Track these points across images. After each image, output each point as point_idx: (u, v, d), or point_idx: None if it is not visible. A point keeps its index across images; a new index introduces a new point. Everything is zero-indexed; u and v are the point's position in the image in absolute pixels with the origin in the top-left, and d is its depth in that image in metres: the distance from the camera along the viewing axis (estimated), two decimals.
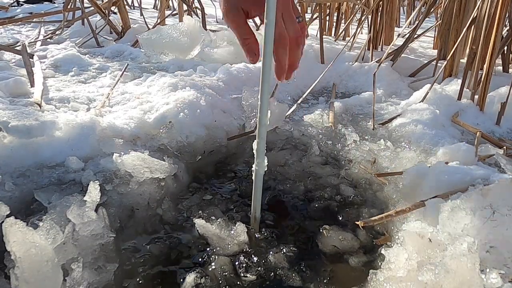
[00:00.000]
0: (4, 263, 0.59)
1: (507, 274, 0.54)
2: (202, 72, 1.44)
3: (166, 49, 1.82)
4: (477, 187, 0.69)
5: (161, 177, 0.83)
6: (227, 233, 0.71)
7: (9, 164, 0.77)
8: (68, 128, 0.87)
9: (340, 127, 1.12)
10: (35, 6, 3.58)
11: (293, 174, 0.98)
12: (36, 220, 0.63)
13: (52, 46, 1.99)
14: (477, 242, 0.53)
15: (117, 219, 0.74)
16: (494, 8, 1.14)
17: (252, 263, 0.68)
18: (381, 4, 1.80)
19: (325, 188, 0.92)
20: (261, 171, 0.70)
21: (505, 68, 1.55)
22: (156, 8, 3.65)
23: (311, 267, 0.70)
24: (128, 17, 2.48)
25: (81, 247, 0.63)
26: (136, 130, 0.95)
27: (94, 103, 1.21)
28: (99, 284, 0.63)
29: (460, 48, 1.45)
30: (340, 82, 1.60)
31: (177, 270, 0.68)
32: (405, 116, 1.10)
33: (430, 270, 0.53)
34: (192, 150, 0.98)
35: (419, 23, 1.67)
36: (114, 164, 0.80)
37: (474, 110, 1.19)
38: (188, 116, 1.01)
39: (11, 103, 1.09)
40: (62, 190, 0.74)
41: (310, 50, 1.81)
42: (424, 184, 0.76)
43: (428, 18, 2.61)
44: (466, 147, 0.89)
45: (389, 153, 0.96)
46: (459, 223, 0.63)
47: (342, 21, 2.39)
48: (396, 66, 1.67)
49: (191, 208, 0.83)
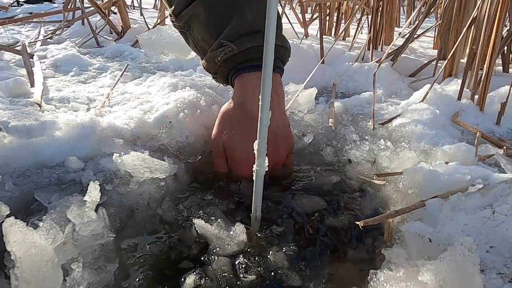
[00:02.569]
0: (4, 263, 0.59)
1: (507, 274, 0.54)
2: (202, 72, 1.44)
3: (166, 49, 1.82)
4: (477, 187, 0.69)
5: (161, 177, 0.83)
6: (226, 233, 0.71)
7: (9, 164, 0.77)
8: (68, 128, 0.87)
9: (340, 127, 1.12)
10: (35, 6, 3.58)
11: (293, 174, 0.98)
12: (36, 220, 0.63)
13: (52, 46, 1.99)
14: (477, 242, 0.53)
15: (117, 219, 0.74)
16: (494, 8, 1.14)
17: (252, 263, 0.68)
18: (381, 4, 1.80)
19: (325, 188, 0.92)
20: (262, 171, 0.70)
21: (505, 68, 1.55)
22: (156, 8, 3.65)
23: (311, 267, 0.69)
24: (128, 17, 2.48)
25: (81, 247, 0.63)
26: (136, 130, 0.95)
27: (94, 103, 1.21)
28: (99, 284, 0.63)
29: (460, 48, 1.45)
30: (340, 82, 1.60)
31: (177, 270, 0.68)
32: (405, 116, 1.10)
33: (430, 270, 0.52)
34: (192, 150, 0.98)
35: (419, 23, 1.67)
36: (114, 164, 0.80)
37: (474, 110, 1.19)
38: (188, 116, 1.01)
39: (11, 103, 1.09)
40: (62, 190, 0.74)
41: (310, 50, 1.81)
42: (424, 184, 0.76)
43: (428, 18, 2.61)
44: (466, 147, 0.89)
45: (389, 153, 0.96)
46: (459, 223, 0.63)
47: (342, 21, 2.39)
48: (396, 66, 1.67)
49: (191, 208, 0.83)
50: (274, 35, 0.57)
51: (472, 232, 0.61)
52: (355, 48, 1.95)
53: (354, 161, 0.99)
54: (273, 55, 0.59)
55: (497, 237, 0.60)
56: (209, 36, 0.88)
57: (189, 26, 0.91)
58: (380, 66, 1.42)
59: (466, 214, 0.64)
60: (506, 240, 0.59)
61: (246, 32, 0.83)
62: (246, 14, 0.84)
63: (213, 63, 0.87)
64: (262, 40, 0.83)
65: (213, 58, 0.87)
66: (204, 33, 0.89)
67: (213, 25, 0.87)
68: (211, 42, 0.87)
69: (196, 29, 0.90)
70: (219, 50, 0.84)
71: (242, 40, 0.82)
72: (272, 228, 0.78)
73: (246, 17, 0.84)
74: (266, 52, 0.59)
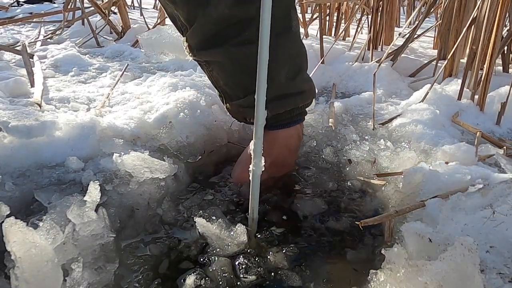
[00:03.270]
0: (4, 263, 0.59)
1: (507, 274, 0.54)
2: (202, 72, 1.44)
3: (166, 49, 1.82)
4: (477, 187, 0.69)
5: (161, 177, 0.83)
6: (227, 234, 0.71)
7: (9, 164, 0.77)
8: (68, 128, 0.87)
9: (340, 127, 1.12)
10: (35, 6, 3.58)
11: (292, 174, 0.98)
12: (36, 220, 0.63)
13: (52, 46, 1.99)
14: (477, 242, 0.53)
15: (117, 219, 0.74)
16: (494, 8, 1.14)
17: (252, 264, 0.68)
18: (381, 4, 1.80)
19: (324, 188, 0.92)
20: (258, 171, 0.70)
21: (505, 68, 1.55)
22: (156, 8, 3.65)
23: (311, 267, 0.70)
24: (128, 17, 2.48)
25: (81, 247, 0.63)
26: (136, 130, 0.95)
27: (94, 103, 1.21)
28: (99, 284, 0.63)
29: (460, 48, 1.45)
30: (340, 82, 1.60)
31: (177, 270, 0.68)
32: (405, 116, 1.10)
33: (430, 270, 0.52)
34: (192, 150, 0.98)
35: (419, 23, 1.67)
36: (114, 164, 0.80)
37: (474, 110, 1.19)
38: (188, 116, 1.01)
39: (11, 103, 1.09)
40: (62, 190, 0.74)
41: (310, 50, 1.81)
42: (424, 184, 0.76)
43: (428, 18, 2.61)
44: (466, 147, 0.89)
45: (389, 153, 0.96)
46: (459, 223, 0.63)
47: (342, 21, 2.39)
48: (396, 66, 1.67)
49: (191, 208, 0.83)
50: (269, 29, 0.57)
51: (472, 232, 0.61)
52: (355, 48, 1.95)
53: (354, 161, 0.99)
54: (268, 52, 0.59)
55: (497, 237, 0.60)
56: (235, 87, 0.85)
57: (208, 64, 0.85)
58: (380, 66, 1.42)
59: (466, 214, 0.64)
60: (506, 240, 0.59)
61: (278, 96, 0.81)
62: (279, 76, 0.81)
63: (242, 117, 0.90)
64: (293, 104, 0.85)
65: (242, 114, 0.88)
66: (229, 82, 0.85)
67: (241, 80, 0.82)
68: (238, 94, 0.85)
69: (218, 72, 0.84)
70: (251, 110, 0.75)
71: (274, 104, 0.80)
72: (272, 229, 0.78)
73: (280, 79, 0.81)
74: (261, 46, 0.59)
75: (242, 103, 0.84)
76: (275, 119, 0.84)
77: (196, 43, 0.81)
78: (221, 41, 0.78)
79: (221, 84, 0.86)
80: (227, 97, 0.88)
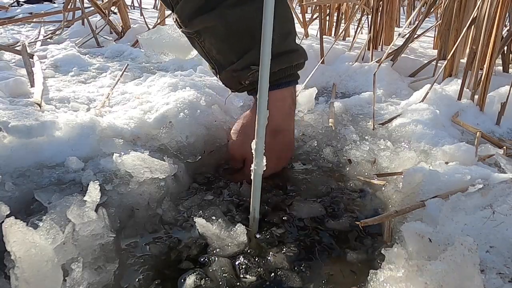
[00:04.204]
0: (4, 263, 0.59)
1: (507, 274, 0.54)
2: (202, 72, 1.44)
3: (166, 49, 1.82)
4: (477, 187, 0.69)
5: (161, 177, 0.83)
6: (227, 234, 0.71)
7: (9, 164, 0.77)
8: (68, 128, 0.87)
9: (340, 127, 1.12)
10: (35, 6, 3.58)
11: (293, 174, 0.98)
12: (36, 220, 0.63)
13: (52, 46, 1.99)
14: (477, 242, 0.53)
15: (117, 219, 0.74)
16: (494, 8, 1.14)
17: (252, 264, 0.68)
18: (381, 4, 1.80)
19: (324, 188, 0.92)
20: (260, 171, 0.70)
21: (505, 68, 1.55)
22: (156, 8, 3.65)
23: (311, 267, 0.70)
24: (128, 17, 2.48)
25: (81, 247, 0.63)
26: (136, 130, 0.95)
27: (94, 103, 1.21)
28: (99, 284, 0.63)
29: (460, 48, 1.45)
30: (340, 82, 1.60)
31: (177, 270, 0.68)
32: (405, 116, 1.10)
33: (430, 270, 0.52)
34: (192, 150, 0.98)
35: (419, 23, 1.67)
36: (114, 164, 0.80)
37: (474, 110, 1.19)
38: (188, 116, 1.01)
39: (11, 103, 1.09)
40: (62, 190, 0.74)
41: (310, 50, 1.81)
42: (424, 184, 0.76)
43: (428, 18, 2.61)
44: (466, 147, 0.89)
45: (389, 153, 0.96)
46: (459, 223, 0.63)
47: (342, 21, 2.39)
48: (396, 66, 1.67)
49: (191, 208, 0.83)
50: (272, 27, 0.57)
51: (472, 232, 0.61)
52: (355, 48, 1.95)
53: (354, 161, 0.99)
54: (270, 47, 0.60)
55: (497, 237, 0.60)
56: (228, 52, 0.86)
57: (199, 35, 0.86)
58: (380, 66, 1.42)
59: (466, 214, 0.64)
60: (506, 240, 0.59)
61: (272, 54, 0.82)
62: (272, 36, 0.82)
63: (236, 83, 0.89)
64: (288, 61, 0.84)
65: (237, 79, 0.88)
66: (222, 48, 0.86)
67: (234, 44, 0.84)
68: (231, 59, 0.86)
69: (210, 41, 0.86)
70: (245, 71, 0.82)
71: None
72: (272, 229, 0.78)
73: (273, 39, 0.82)
74: (264, 43, 0.59)
75: (236, 67, 0.85)
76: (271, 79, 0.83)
77: (189, 12, 0.83)
78: (214, 4, 0.80)
79: (214, 53, 0.88)
80: (220, 67, 0.89)
